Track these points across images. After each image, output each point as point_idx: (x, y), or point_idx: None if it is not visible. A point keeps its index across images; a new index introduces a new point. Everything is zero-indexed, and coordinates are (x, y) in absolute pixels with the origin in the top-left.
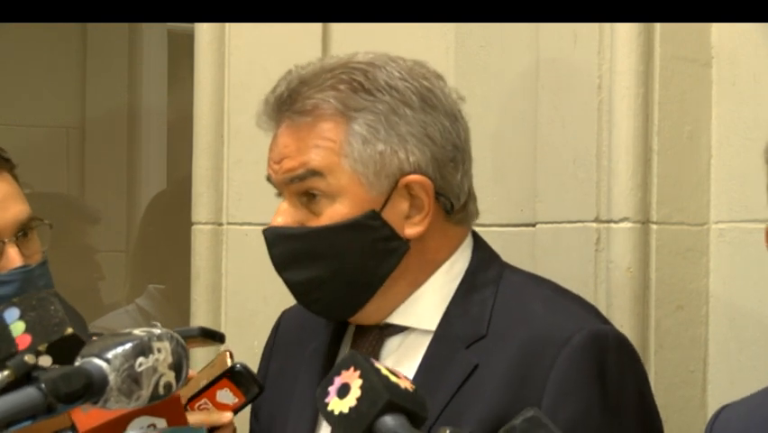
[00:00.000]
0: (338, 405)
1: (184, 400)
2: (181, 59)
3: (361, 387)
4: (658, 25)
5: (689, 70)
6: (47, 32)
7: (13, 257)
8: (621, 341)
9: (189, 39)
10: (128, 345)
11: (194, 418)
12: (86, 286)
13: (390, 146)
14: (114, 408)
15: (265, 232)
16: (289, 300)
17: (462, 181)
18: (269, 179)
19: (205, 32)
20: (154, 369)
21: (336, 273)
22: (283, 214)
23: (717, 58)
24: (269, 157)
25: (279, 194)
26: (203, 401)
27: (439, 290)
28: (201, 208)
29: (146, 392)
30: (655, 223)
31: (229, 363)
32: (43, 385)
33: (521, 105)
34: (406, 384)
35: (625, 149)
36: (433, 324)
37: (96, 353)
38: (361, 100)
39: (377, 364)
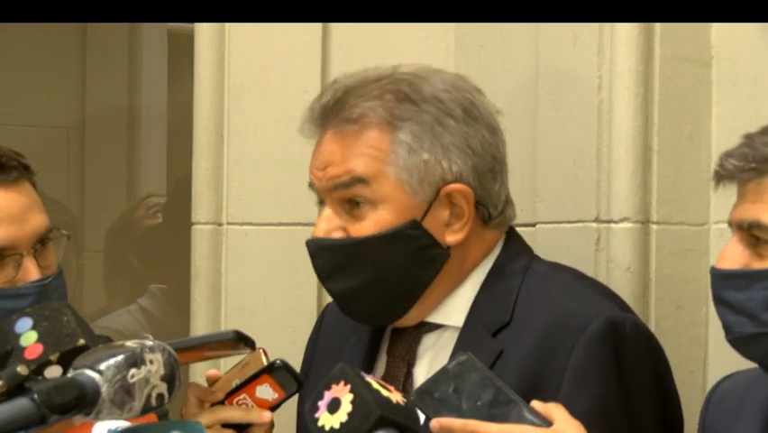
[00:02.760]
0: (329, 420)
1: (221, 395)
2: (181, 59)
3: (352, 402)
4: (658, 25)
5: (689, 70)
6: (47, 32)
7: (31, 270)
8: (639, 328)
9: (189, 39)
10: (120, 357)
11: (232, 413)
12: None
13: (434, 156)
14: (107, 419)
15: (308, 243)
16: (290, 301)
17: (500, 191)
18: (311, 185)
19: (205, 32)
20: (146, 380)
21: (379, 283)
22: (326, 220)
23: (717, 58)
24: (313, 164)
25: (320, 201)
26: (242, 397)
27: (472, 288)
28: (201, 208)
29: (138, 404)
30: (655, 223)
31: (264, 360)
32: (36, 396)
33: (521, 105)
34: (397, 398)
35: (624, 149)
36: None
37: (88, 364)
38: (406, 110)
39: (367, 378)
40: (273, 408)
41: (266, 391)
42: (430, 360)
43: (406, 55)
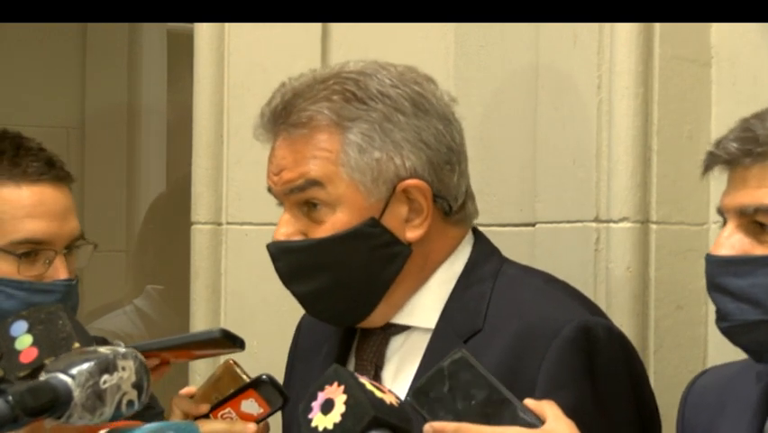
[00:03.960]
0: (322, 421)
1: (206, 408)
2: (181, 59)
3: (346, 403)
4: (658, 25)
5: (688, 70)
6: (47, 32)
7: (60, 269)
8: (611, 332)
9: (189, 39)
10: (93, 363)
11: (217, 426)
12: None
13: (386, 153)
14: (78, 424)
15: (269, 246)
16: (289, 301)
17: (459, 182)
18: (269, 189)
19: (204, 32)
20: (118, 387)
21: (341, 283)
22: (285, 225)
23: (716, 58)
24: (269, 169)
25: (280, 203)
26: (227, 410)
27: (439, 288)
28: (201, 208)
29: (109, 409)
30: (655, 223)
31: (238, 371)
32: (11, 397)
33: (521, 105)
34: (391, 399)
35: (624, 149)
36: (433, 322)
37: (61, 368)
38: (354, 110)
39: (361, 379)
40: (258, 422)
41: (251, 405)
42: (398, 362)
43: (405, 55)
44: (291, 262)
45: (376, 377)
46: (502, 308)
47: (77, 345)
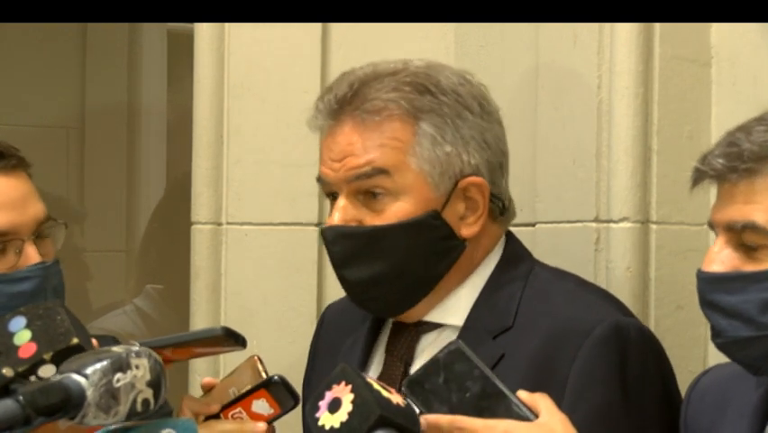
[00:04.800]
0: (329, 420)
1: (216, 408)
2: (181, 59)
3: (353, 402)
4: (658, 25)
5: (688, 70)
6: (47, 32)
7: (32, 255)
8: (643, 333)
9: (189, 39)
10: (106, 362)
11: (227, 427)
12: (73, 287)
13: (456, 148)
14: (93, 424)
15: (325, 231)
16: (289, 301)
17: (506, 186)
18: (319, 179)
19: (204, 32)
20: (132, 385)
21: (397, 271)
22: (341, 211)
23: (716, 58)
24: (327, 156)
25: (328, 195)
26: (237, 410)
27: (472, 288)
28: (201, 208)
29: (123, 408)
30: (655, 223)
31: (260, 368)
32: (21, 397)
33: (521, 105)
34: (397, 399)
35: (624, 149)
36: (463, 320)
37: (74, 368)
38: (427, 102)
39: (368, 379)
40: (269, 423)
41: (262, 405)
42: (427, 359)
43: (405, 55)
44: (348, 247)
45: (405, 374)
46: (533, 307)
47: (75, 339)
